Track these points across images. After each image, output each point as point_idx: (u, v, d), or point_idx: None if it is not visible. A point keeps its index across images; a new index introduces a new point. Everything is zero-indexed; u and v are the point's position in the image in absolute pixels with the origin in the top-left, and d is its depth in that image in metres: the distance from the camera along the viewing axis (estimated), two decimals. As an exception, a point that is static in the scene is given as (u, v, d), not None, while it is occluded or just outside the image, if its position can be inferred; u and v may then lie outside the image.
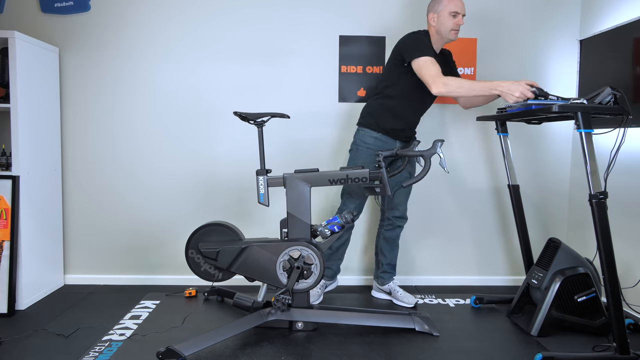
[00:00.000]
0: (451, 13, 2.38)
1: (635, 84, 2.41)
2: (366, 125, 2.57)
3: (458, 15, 2.40)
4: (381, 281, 2.75)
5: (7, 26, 2.84)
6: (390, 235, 2.71)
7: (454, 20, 2.39)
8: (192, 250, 2.29)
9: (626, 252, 2.53)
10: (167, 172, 2.99)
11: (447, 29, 2.41)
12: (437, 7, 2.41)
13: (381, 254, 2.74)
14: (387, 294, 2.75)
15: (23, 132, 2.53)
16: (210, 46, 2.94)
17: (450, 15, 2.38)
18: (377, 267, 2.78)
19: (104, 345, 2.07)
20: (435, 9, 2.41)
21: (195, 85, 2.95)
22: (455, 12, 2.39)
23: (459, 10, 2.39)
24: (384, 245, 2.73)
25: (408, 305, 2.63)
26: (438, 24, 2.42)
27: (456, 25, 2.41)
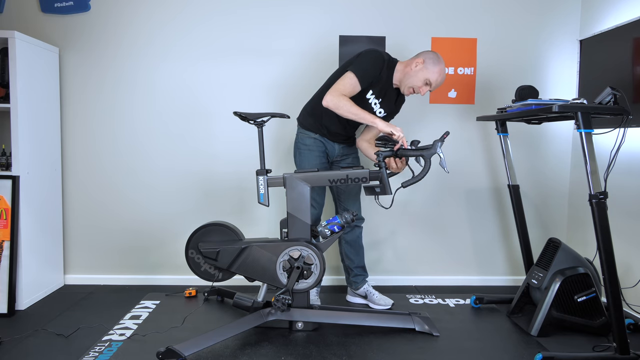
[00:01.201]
0: (427, 80, 2.32)
1: (635, 84, 2.41)
2: (304, 127, 2.53)
3: (427, 87, 2.35)
4: (355, 286, 2.69)
5: (7, 26, 2.84)
6: (351, 237, 2.65)
7: (422, 86, 2.34)
8: (192, 250, 2.29)
9: (626, 252, 2.53)
10: (167, 172, 2.99)
11: (410, 82, 2.35)
12: (430, 63, 2.31)
13: (347, 259, 2.67)
14: (362, 298, 2.69)
15: (23, 132, 2.53)
16: (210, 46, 2.94)
17: (425, 81, 2.33)
18: (347, 273, 2.71)
19: (104, 345, 2.07)
20: (427, 63, 2.32)
21: (195, 85, 2.96)
22: (429, 83, 2.33)
23: (433, 85, 2.34)
24: (347, 249, 2.66)
25: (385, 308, 2.60)
26: (412, 73, 2.34)
27: (418, 89, 2.35)
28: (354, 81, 2.29)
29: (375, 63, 2.33)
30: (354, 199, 2.63)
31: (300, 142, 2.54)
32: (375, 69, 2.33)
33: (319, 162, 2.49)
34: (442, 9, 2.98)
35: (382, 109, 2.47)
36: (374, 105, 2.44)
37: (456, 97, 3.03)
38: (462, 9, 2.99)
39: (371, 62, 2.32)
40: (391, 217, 3.05)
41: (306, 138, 2.52)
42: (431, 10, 2.98)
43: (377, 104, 2.44)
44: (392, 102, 2.50)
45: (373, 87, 2.39)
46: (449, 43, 2.99)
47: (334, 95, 2.26)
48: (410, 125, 3.01)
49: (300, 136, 2.55)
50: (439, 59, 2.35)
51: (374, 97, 2.42)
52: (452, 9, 2.99)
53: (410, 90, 2.38)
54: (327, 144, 2.52)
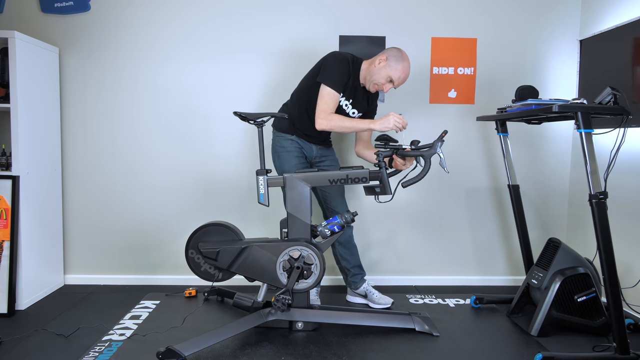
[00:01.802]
0: (389, 77, 2.34)
1: (635, 84, 2.41)
2: (280, 129, 2.54)
3: (390, 84, 2.36)
4: (354, 286, 2.68)
5: (7, 26, 2.84)
6: (344, 238, 2.63)
7: (385, 82, 2.35)
8: (192, 250, 2.29)
9: (626, 252, 2.53)
10: (167, 172, 2.99)
11: (375, 80, 2.36)
12: (393, 60, 2.33)
13: (343, 260, 2.66)
14: (362, 297, 2.69)
15: (23, 132, 2.53)
16: (210, 46, 2.94)
17: (388, 78, 2.34)
18: (345, 274, 2.69)
19: (104, 345, 2.07)
20: (390, 60, 2.33)
21: (195, 85, 2.96)
22: (392, 81, 2.35)
23: (396, 82, 2.35)
24: (341, 251, 2.65)
25: (385, 306, 2.60)
26: (376, 70, 2.36)
27: (382, 87, 2.37)
28: (331, 93, 2.33)
29: (342, 67, 2.36)
30: (340, 200, 2.61)
31: (277, 145, 2.54)
32: (344, 72, 2.36)
33: (298, 162, 2.49)
34: (442, 9, 2.98)
35: (355, 109, 2.49)
36: (345, 107, 2.45)
37: (456, 97, 3.03)
38: (462, 9, 2.99)
39: (339, 68, 2.35)
40: (391, 217, 3.05)
41: (282, 140, 2.52)
42: (431, 10, 2.98)
43: (348, 105, 2.46)
44: (364, 100, 2.51)
45: (343, 91, 2.41)
46: (449, 43, 2.99)
47: (324, 118, 2.32)
48: (410, 125, 3.00)
49: (276, 139, 2.56)
50: (402, 56, 2.36)
51: (344, 99, 2.43)
52: (452, 9, 2.99)
53: (374, 87, 2.40)
54: (305, 145, 2.53)
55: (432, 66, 3.00)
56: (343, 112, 2.46)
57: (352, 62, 2.40)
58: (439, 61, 3.01)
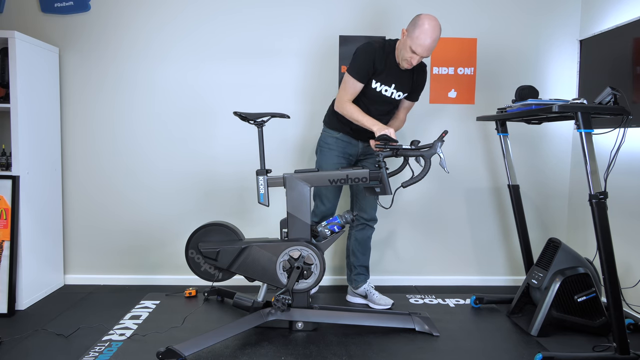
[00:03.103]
0: (410, 49, 2.26)
1: (635, 84, 2.41)
2: (328, 126, 2.58)
3: (416, 55, 2.28)
4: (355, 284, 2.69)
5: (7, 26, 2.84)
6: (362, 236, 2.66)
7: (411, 54, 2.28)
8: (192, 250, 2.29)
9: (626, 252, 2.53)
10: (167, 172, 2.99)
11: (403, 55, 2.32)
12: (410, 29, 2.27)
13: (353, 256, 2.68)
14: (362, 298, 2.69)
15: (23, 132, 2.53)
16: (210, 46, 2.94)
17: (410, 49, 2.27)
18: (350, 270, 2.72)
19: (104, 345, 2.07)
20: (409, 30, 2.28)
21: (195, 85, 2.96)
22: (414, 52, 2.26)
23: (418, 52, 2.25)
24: (355, 246, 2.67)
25: (385, 307, 2.60)
26: (402, 45, 2.32)
27: (410, 59, 2.30)
28: (351, 81, 2.37)
29: (365, 56, 2.35)
30: (371, 199, 2.63)
31: (322, 141, 2.59)
32: (367, 61, 2.34)
33: (337, 161, 2.51)
34: (442, 9, 2.98)
35: (400, 91, 2.47)
36: (385, 92, 2.44)
37: (456, 97, 3.03)
38: (462, 9, 2.99)
39: (361, 57, 2.36)
40: (391, 217, 3.05)
41: (328, 137, 2.56)
42: (431, 10, 2.97)
43: (389, 90, 2.44)
44: (409, 80, 2.47)
45: (376, 77, 2.39)
46: (449, 43, 2.99)
47: (340, 104, 2.41)
48: (411, 125, 3.01)
49: (323, 135, 2.60)
50: (419, 20, 2.25)
51: (382, 85, 2.42)
52: (452, 9, 2.99)
53: (405, 63, 2.34)
54: (351, 142, 2.54)
55: (432, 66, 3.00)
56: (383, 97, 2.44)
57: (380, 49, 2.36)
58: (439, 61, 3.01)
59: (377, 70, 2.38)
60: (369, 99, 2.44)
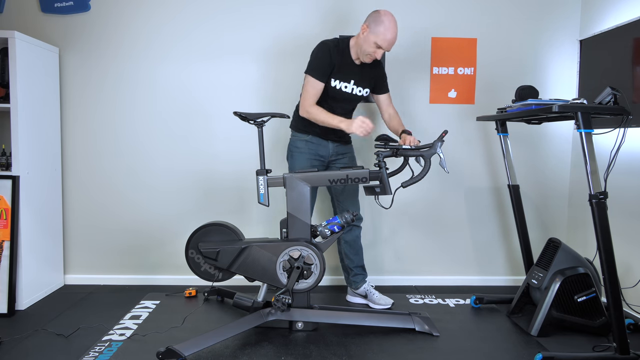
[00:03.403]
0: (376, 43, 2.30)
1: (635, 84, 2.41)
2: (296, 129, 2.56)
3: (380, 49, 2.32)
4: (355, 285, 2.68)
5: (7, 26, 2.84)
6: (350, 237, 2.64)
7: (375, 49, 2.32)
8: (192, 250, 2.29)
9: (626, 252, 2.53)
10: (167, 172, 2.99)
11: (365, 51, 2.34)
12: (373, 25, 2.30)
13: (347, 259, 2.67)
14: (362, 297, 2.69)
15: (23, 132, 2.53)
16: (209, 45, 2.94)
17: (375, 44, 2.30)
18: (347, 272, 2.70)
19: (104, 345, 2.07)
20: (371, 26, 2.30)
21: (195, 85, 2.96)
22: (380, 46, 2.30)
23: (384, 47, 2.31)
24: (347, 249, 2.66)
25: (385, 307, 2.59)
26: (362, 40, 2.34)
27: (373, 54, 2.34)
28: (312, 82, 2.38)
29: (321, 55, 2.38)
30: (352, 199, 2.62)
31: (292, 145, 2.56)
32: (324, 59, 2.37)
33: (309, 164, 2.50)
34: (442, 9, 2.98)
35: (361, 87, 2.48)
36: (345, 89, 2.44)
37: (456, 97, 3.03)
38: (462, 9, 2.99)
39: (317, 56, 2.39)
40: (391, 217, 3.05)
41: (297, 141, 2.54)
42: (431, 10, 2.98)
43: (349, 86, 2.45)
44: (369, 75, 2.49)
45: (334, 74, 2.41)
46: (449, 43, 2.99)
47: (304, 109, 2.40)
48: (411, 125, 3.01)
49: (292, 139, 2.58)
50: (381, 17, 2.29)
51: (341, 82, 2.43)
52: (452, 9, 2.99)
53: (368, 57, 2.37)
54: (320, 144, 2.52)
55: (432, 66, 3.00)
56: (345, 95, 2.45)
57: (335, 46, 2.40)
58: (439, 61, 3.01)
59: (335, 67, 2.39)
60: (332, 98, 2.44)
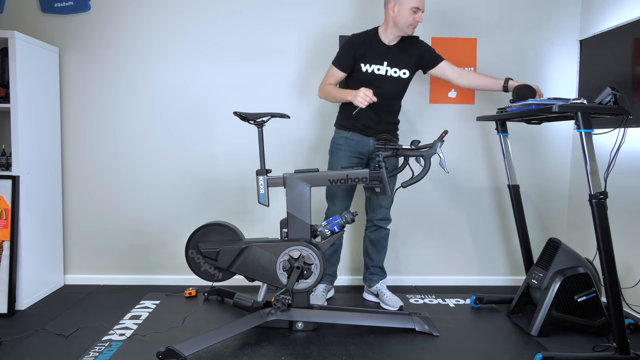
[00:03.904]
0: (412, 8, 2.33)
1: (635, 84, 2.41)
2: (338, 127, 2.62)
3: (419, 11, 2.35)
4: (369, 283, 2.71)
5: (7, 26, 2.84)
6: (375, 237, 2.67)
7: (414, 15, 2.35)
8: (192, 250, 2.29)
9: (626, 252, 2.53)
10: (167, 172, 2.99)
11: (405, 22, 2.37)
12: None
13: (367, 257, 2.72)
14: (375, 296, 2.71)
15: (23, 132, 2.53)
16: (210, 46, 2.94)
17: (412, 10, 2.33)
18: (366, 268, 2.75)
19: (104, 345, 2.07)
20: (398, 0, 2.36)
21: (195, 85, 2.96)
22: (417, 8, 2.34)
23: (420, 6, 2.35)
24: (369, 247, 2.70)
25: (393, 309, 2.58)
26: (398, 15, 2.37)
27: (415, 21, 2.37)
28: (332, 69, 2.51)
29: (345, 45, 2.50)
30: (384, 199, 2.62)
31: (333, 142, 2.61)
32: (347, 50, 2.47)
33: (348, 161, 2.53)
34: (442, 9, 2.98)
35: (397, 67, 2.49)
36: (378, 71, 2.47)
37: (456, 97, 3.03)
38: (462, 9, 2.99)
39: (342, 47, 2.55)
40: (391, 217, 3.05)
41: (339, 137, 2.59)
42: (431, 10, 2.98)
43: (382, 68, 2.47)
44: (405, 54, 2.50)
45: (363, 60, 2.45)
46: (449, 43, 2.99)
47: (319, 90, 2.56)
48: (411, 125, 3.01)
49: (334, 136, 2.63)
50: None
51: (372, 65, 2.47)
52: (452, 9, 2.99)
53: (411, 28, 2.41)
54: (361, 141, 2.54)
55: (432, 66, 3.00)
56: (379, 77, 2.47)
57: (360, 36, 2.49)
58: (439, 61, 3.00)
59: (360, 54, 2.44)
60: (368, 84, 2.40)
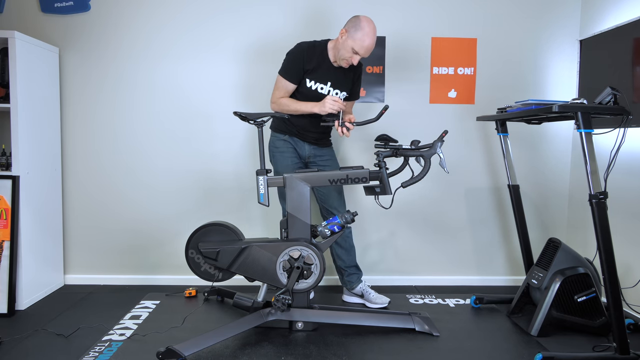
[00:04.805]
0: (354, 49, 2.31)
1: (635, 84, 2.41)
2: (275, 129, 2.59)
3: (357, 55, 2.34)
4: (350, 285, 2.67)
5: (7, 26, 2.84)
6: (340, 238, 2.60)
7: (352, 55, 2.34)
8: (192, 250, 2.29)
9: (626, 252, 2.53)
10: (167, 172, 2.99)
11: (343, 54, 2.36)
12: (352, 31, 2.31)
13: (339, 260, 2.66)
14: (359, 297, 2.68)
15: (23, 132, 2.53)
16: (209, 45, 2.94)
17: (352, 50, 2.32)
18: (341, 274, 2.69)
19: (104, 345, 2.07)
20: (350, 32, 2.32)
21: (195, 85, 2.96)
22: (356, 52, 2.32)
23: (361, 53, 2.33)
24: (337, 250, 2.64)
25: (382, 305, 2.59)
26: (341, 45, 2.36)
27: (350, 59, 2.36)
28: (282, 82, 2.44)
29: (294, 57, 2.43)
30: (338, 200, 2.60)
31: (272, 146, 2.59)
32: (296, 61, 2.41)
33: (291, 162, 2.52)
34: (442, 9, 2.98)
35: (338, 89, 2.50)
36: (321, 90, 2.46)
37: (456, 97, 3.03)
38: (462, 9, 2.99)
39: (290, 58, 2.44)
40: (391, 217, 3.05)
41: (276, 140, 2.57)
42: (431, 10, 2.98)
43: (325, 88, 2.47)
44: (346, 78, 2.51)
45: (309, 75, 2.43)
46: (449, 43, 3.00)
47: (273, 102, 2.48)
48: (411, 125, 3.01)
49: (271, 139, 2.61)
50: (361, 22, 2.30)
51: (317, 83, 2.45)
52: (452, 9, 2.99)
53: (344, 62, 2.39)
54: (297, 144, 2.55)
55: (432, 66, 3.00)
56: (321, 96, 2.45)
57: (310, 48, 2.43)
58: (439, 61, 3.01)
59: (309, 68, 2.42)
60: (308, 99, 2.45)
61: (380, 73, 2.98)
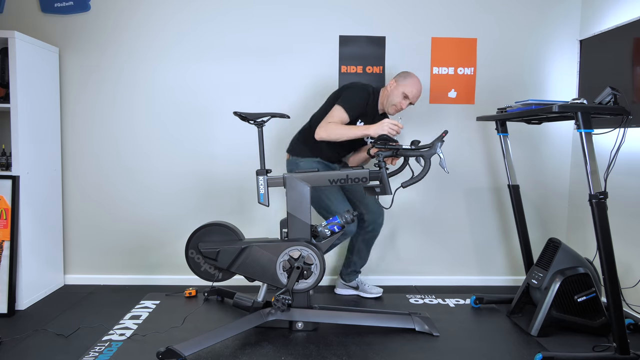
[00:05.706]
0: (404, 93, 2.49)
1: (635, 84, 2.41)
2: (301, 154, 2.59)
3: (407, 99, 2.51)
4: (348, 278, 2.78)
5: (7, 26, 2.84)
6: (370, 237, 2.71)
7: (401, 99, 2.50)
8: (192, 250, 2.29)
9: (626, 252, 2.53)
10: (167, 172, 2.99)
11: (391, 101, 2.52)
12: (401, 79, 2.52)
13: (356, 255, 2.74)
14: (353, 289, 2.79)
15: (23, 132, 2.53)
16: (210, 46, 2.94)
17: (403, 94, 2.49)
18: (347, 265, 2.78)
19: (104, 345, 2.07)
20: (399, 81, 2.53)
21: (195, 85, 2.96)
22: (407, 96, 2.50)
23: (411, 98, 2.51)
24: (362, 246, 2.72)
25: (377, 295, 2.73)
26: (390, 92, 2.54)
27: (399, 104, 2.51)
28: (342, 114, 2.45)
29: (362, 95, 2.51)
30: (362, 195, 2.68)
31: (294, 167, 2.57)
32: (362, 101, 2.50)
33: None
34: (442, 9, 2.98)
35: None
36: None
37: (456, 97, 3.03)
38: (462, 9, 2.99)
39: (358, 95, 2.50)
40: (391, 217, 3.05)
41: (310, 162, 2.57)
42: (431, 10, 2.98)
43: None
44: None
45: (362, 117, 2.53)
46: (449, 43, 3.00)
47: (324, 127, 2.43)
48: (411, 125, 3.01)
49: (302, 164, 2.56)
50: (409, 73, 2.55)
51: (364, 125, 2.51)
52: (452, 9, 2.99)
53: (393, 108, 2.54)
54: (329, 165, 2.63)
55: (432, 66, 3.00)
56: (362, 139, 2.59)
57: (372, 94, 2.57)
58: (439, 61, 3.01)
59: (364, 112, 2.52)
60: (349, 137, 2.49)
61: (380, 73, 2.98)
